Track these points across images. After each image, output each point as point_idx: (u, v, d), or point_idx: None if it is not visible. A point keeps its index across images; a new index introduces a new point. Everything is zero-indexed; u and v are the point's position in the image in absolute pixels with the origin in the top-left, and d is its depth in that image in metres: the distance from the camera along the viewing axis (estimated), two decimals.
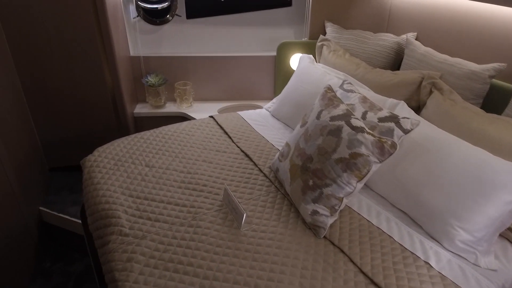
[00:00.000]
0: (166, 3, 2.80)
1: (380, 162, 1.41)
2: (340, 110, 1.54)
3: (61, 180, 2.79)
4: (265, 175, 1.83)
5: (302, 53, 2.65)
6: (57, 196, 2.62)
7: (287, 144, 1.71)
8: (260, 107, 2.85)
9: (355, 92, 1.84)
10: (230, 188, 1.72)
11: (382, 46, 2.35)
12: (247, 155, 2.01)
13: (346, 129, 1.45)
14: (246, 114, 2.50)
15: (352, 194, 1.45)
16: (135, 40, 2.87)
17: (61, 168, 2.85)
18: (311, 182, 1.48)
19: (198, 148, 2.09)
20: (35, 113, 2.57)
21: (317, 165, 1.47)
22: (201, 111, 2.82)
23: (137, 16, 2.82)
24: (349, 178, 1.42)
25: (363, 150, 1.40)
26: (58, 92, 2.56)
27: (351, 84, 1.93)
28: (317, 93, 2.08)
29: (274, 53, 2.83)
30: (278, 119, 2.39)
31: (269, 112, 2.51)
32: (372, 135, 1.41)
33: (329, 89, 1.70)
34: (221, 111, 2.89)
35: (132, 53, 2.83)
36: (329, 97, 1.63)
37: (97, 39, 2.42)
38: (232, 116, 2.47)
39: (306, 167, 1.51)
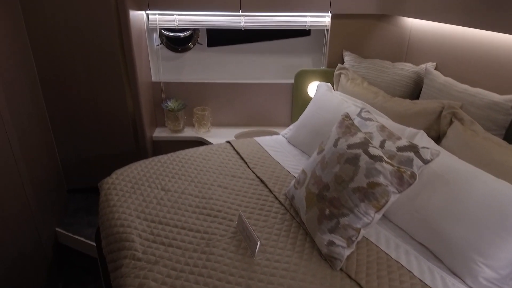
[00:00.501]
0: (189, 32, 2.90)
1: (399, 192, 1.37)
2: (358, 138, 1.52)
3: (78, 201, 2.82)
4: (280, 202, 1.80)
5: (320, 81, 2.66)
6: (74, 217, 2.65)
7: (303, 171, 1.69)
8: (277, 133, 2.85)
9: (373, 120, 1.82)
10: (244, 215, 1.70)
11: (401, 76, 2.34)
12: (262, 181, 1.99)
13: (364, 158, 1.43)
14: (262, 140, 2.51)
15: (370, 225, 1.41)
16: (157, 66, 2.96)
17: (79, 189, 2.90)
18: (327, 211, 1.45)
19: (214, 173, 2.09)
20: (58, 135, 2.65)
21: (334, 193, 1.45)
22: (218, 136, 2.85)
23: (160, 44, 2.92)
24: (367, 208, 1.38)
25: (381, 179, 1.37)
26: (81, 115, 2.65)
27: (369, 112, 1.91)
28: (335, 120, 2.07)
29: (292, 81, 2.86)
30: (294, 146, 2.39)
31: (286, 138, 2.51)
32: (391, 164, 1.39)
33: (347, 116, 1.69)
34: (238, 136, 2.91)
35: (153, 79, 2.91)
36: (347, 125, 1.62)
37: (121, 65, 2.51)
38: (248, 141, 2.48)
39: (322, 196, 1.49)
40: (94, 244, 2.33)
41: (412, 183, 1.35)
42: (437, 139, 1.94)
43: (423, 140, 1.80)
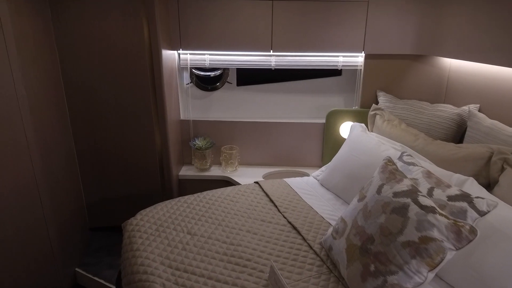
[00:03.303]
0: (219, 71, 2.90)
1: (456, 249, 1.21)
2: (405, 185, 1.39)
3: (100, 241, 2.74)
4: (315, 252, 1.65)
5: (353, 122, 2.56)
6: (94, 257, 2.55)
7: (343, 220, 1.55)
8: (307, 175, 2.73)
9: (417, 165, 1.69)
10: (276, 265, 1.56)
11: (441, 117, 2.22)
12: (294, 228, 1.86)
13: (414, 208, 1.29)
14: (293, 181, 2.39)
15: (422, 286, 1.24)
16: (186, 105, 2.95)
17: (101, 228, 2.82)
18: (372, 267, 1.29)
19: (242, 217, 1.97)
20: (84, 172, 2.62)
21: (380, 247, 1.30)
22: (245, 176, 2.75)
23: (190, 83, 2.93)
24: (419, 266, 1.22)
25: (435, 234, 1.21)
26: (108, 154, 2.62)
27: (411, 156, 1.78)
28: (372, 164, 1.95)
29: (323, 121, 2.77)
30: (327, 189, 2.25)
31: (318, 180, 2.38)
32: (446, 216, 1.24)
33: (390, 161, 1.57)
34: (266, 176, 2.80)
35: (182, 117, 2.89)
36: (390, 170, 1.49)
37: (151, 102, 2.50)
38: (278, 183, 2.37)
39: (366, 249, 1.34)
40: (114, 287, 2.22)
41: (472, 239, 1.19)
42: (487, 187, 1.77)
43: (473, 188, 1.64)
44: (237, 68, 2.91)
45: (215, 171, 2.84)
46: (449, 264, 1.45)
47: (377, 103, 2.59)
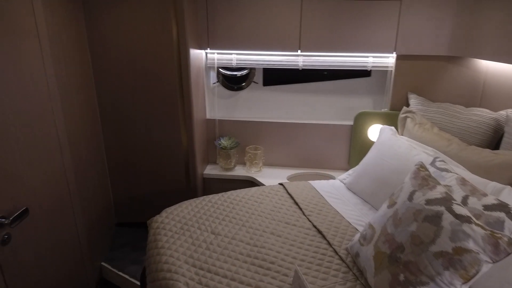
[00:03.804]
0: (245, 71, 2.89)
1: (493, 262, 1.15)
2: (438, 192, 1.33)
3: (125, 236, 2.79)
4: (341, 258, 1.61)
5: (382, 124, 2.49)
6: (119, 252, 2.60)
7: (371, 226, 1.50)
8: (333, 178, 2.68)
9: (450, 171, 1.61)
10: (301, 269, 1.53)
11: (477, 122, 2.12)
12: (319, 232, 1.82)
13: (448, 217, 1.23)
14: (318, 184, 2.35)
15: None
16: (212, 104, 2.96)
17: (126, 224, 2.87)
18: (402, 277, 1.24)
19: (266, 218, 1.96)
20: (112, 169, 2.67)
21: (410, 256, 1.25)
22: (269, 177, 2.73)
23: (217, 82, 2.93)
24: (452, 278, 1.16)
25: (470, 245, 1.15)
26: (136, 152, 2.67)
27: (444, 162, 1.71)
28: (402, 169, 1.88)
29: (351, 122, 2.71)
30: (354, 193, 2.20)
31: (344, 184, 2.33)
32: (482, 227, 1.17)
33: (422, 166, 1.50)
34: (290, 178, 2.77)
35: (208, 116, 2.90)
36: (423, 176, 1.44)
37: (178, 103, 2.52)
38: (303, 185, 2.34)
39: (395, 258, 1.29)
40: (138, 283, 2.25)
41: (511, 252, 1.12)
42: None
43: (511, 197, 1.55)
44: (263, 68, 2.89)
45: (239, 171, 2.84)
46: (484, 276, 1.37)
47: (408, 105, 2.51)
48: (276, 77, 2.94)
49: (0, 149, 1.43)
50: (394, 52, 2.48)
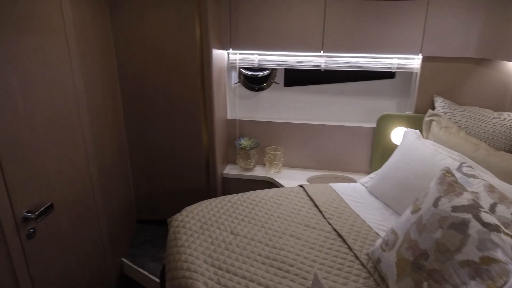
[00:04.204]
0: (267, 71, 2.89)
1: None
2: (465, 199, 1.29)
3: (145, 233, 2.83)
4: (361, 263, 1.58)
5: (406, 127, 2.44)
6: (139, 249, 2.64)
7: (394, 232, 1.47)
8: (354, 180, 2.64)
9: (477, 178, 1.56)
10: (320, 273, 1.51)
11: (507, 127, 2.04)
12: (340, 236, 1.79)
13: (475, 225, 1.19)
14: (339, 187, 2.32)
15: None
16: (233, 104, 2.97)
17: (147, 221, 2.91)
18: (425, 285, 1.21)
19: (285, 220, 1.94)
20: (134, 167, 2.71)
21: (435, 264, 1.21)
22: (289, 178, 2.71)
23: (238, 82, 2.94)
24: None
25: (499, 255, 1.11)
26: (158, 150, 2.70)
27: (471, 167, 1.66)
28: (427, 173, 1.83)
29: (373, 125, 2.66)
30: (376, 197, 2.16)
31: (366, 187, 2.29)
32: (511, 237, 1.13)
33: (448, 172, 1.46)
34: (310, 180, 2.75)
35: (229, 116, 2.91)
36: (449, 182, 1.39)
37: (200, 102, 2.54)
38: (323, 187, 2.31)
39: (419, 265, 1.25)
40: (158, 280, 2.27)
41: None
42: None
43: None
44: (285, 69, 2.88)
45: (258, 172, 2.83)
46: None
47: (433, 108, 2.45)
48: (298, 78, 2.92)
49: (28, 146, 1.47)
50: (420, 54, 2.42)
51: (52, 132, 1.62)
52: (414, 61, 2.50)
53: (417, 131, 2.25)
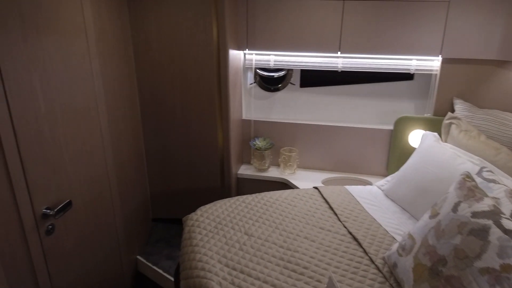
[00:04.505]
0: (283, 72, 2.88)
1: None
2: (485, 205, 1.26)
3: (160, 232, 2.85)
4: (377, 267, 1.56)
5: (424, 130, 2.40)
6: (154, 247, 2.66)
7: (411, 236, 1.44)
8: (370, 183, 2.61)
9: (498, 183, 1.52)
10: (335, 277, 1.50)
11: None
12: (355, 239, 1.77)
13: (495, 232, 1.16)
14: (354, 189, 2.29)
15: None
16: (248, 104, 2.97)
17: (161, 219, 2.94)
18: None
19: (300, 222, 1.93)
20: (150, 167, 2.74)
21: (453, 271, 1.18)
22: (304, 180, 2.70)
23: (254, 83, 2.94)
24: None
25: None
26: (174, 149, 2.72)
27: (492, 172, 1.61)
28: (446, 178, 1.80)
29: (391, 127, 2.62)
30: (393, 201, 2.13)
31: (382, 191, 2.26)
32: None
33: (468, 176, 1.43)
34: (325, 182, 2.73)
35: (244, 116, 2.91)
36: (469, 187, 1.36)
37: (216, 102, 2.55)
38: (338, 190, 2.29)
39: (437, 271, 1.23)
40: (172, 279, 2.29)
41: None
42: None
43: None
44: (301, 69, 2.87)
45: (273, 172, 2.83)
46: None
47: (453, 111, 2.40)
48: (314, 78, 2.90)
49: (49, 144, 1.50)
50: (440, 55, 2.37)
51: (71, 131, 1.65)
52: (433, 63, 2.46)
53: (436, 134, 2.21)
